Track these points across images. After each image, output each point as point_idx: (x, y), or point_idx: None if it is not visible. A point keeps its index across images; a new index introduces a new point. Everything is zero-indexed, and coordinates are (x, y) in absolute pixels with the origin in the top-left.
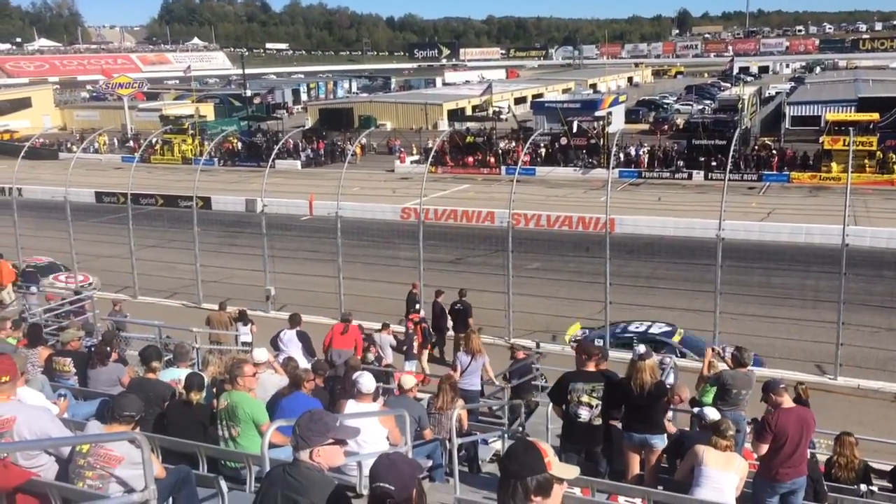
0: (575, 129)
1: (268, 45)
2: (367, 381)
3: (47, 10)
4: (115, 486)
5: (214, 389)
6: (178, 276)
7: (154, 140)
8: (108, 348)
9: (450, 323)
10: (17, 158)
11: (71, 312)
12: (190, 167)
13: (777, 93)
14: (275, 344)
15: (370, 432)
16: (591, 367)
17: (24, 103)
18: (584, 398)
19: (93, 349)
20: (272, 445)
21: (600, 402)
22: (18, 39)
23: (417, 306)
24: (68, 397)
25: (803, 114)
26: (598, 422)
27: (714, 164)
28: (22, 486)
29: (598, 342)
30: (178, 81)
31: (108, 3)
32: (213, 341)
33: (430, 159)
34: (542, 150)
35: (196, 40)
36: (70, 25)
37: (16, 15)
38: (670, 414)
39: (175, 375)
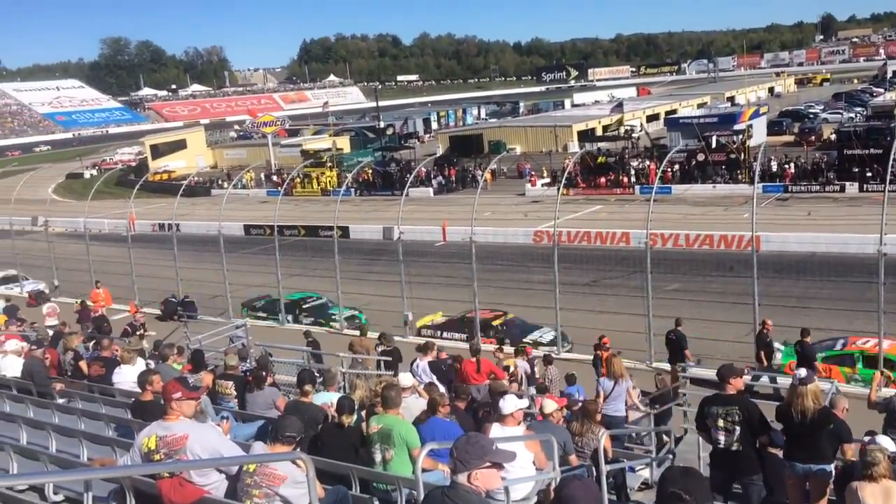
0: (713, 145)
1: (399, 78)
2: (510, 404)
3: (198, 57)
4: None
5: (364, 413)
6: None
7: (296, 174)
8: (264, 373)
9: None
10: (175, 197)
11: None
12: (329, 198)
13: None
14: (412, 373)
15: (518, 456)
16: (729, 391)
17: (179, 145)
18: (720, 423)
19: (248, 374)
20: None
21: (738, 427)
22: (174, 86)
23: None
24: (230, 419)
25: None
26: (738, 447)
27: (869, 174)
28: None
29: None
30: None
31: (252, 48)
32: (356, 366)
33: (562, 181)
34: (677, 168)
35: (332, 77)
36: (219, 70)
37: (171, 64)
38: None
39: (326, 399)
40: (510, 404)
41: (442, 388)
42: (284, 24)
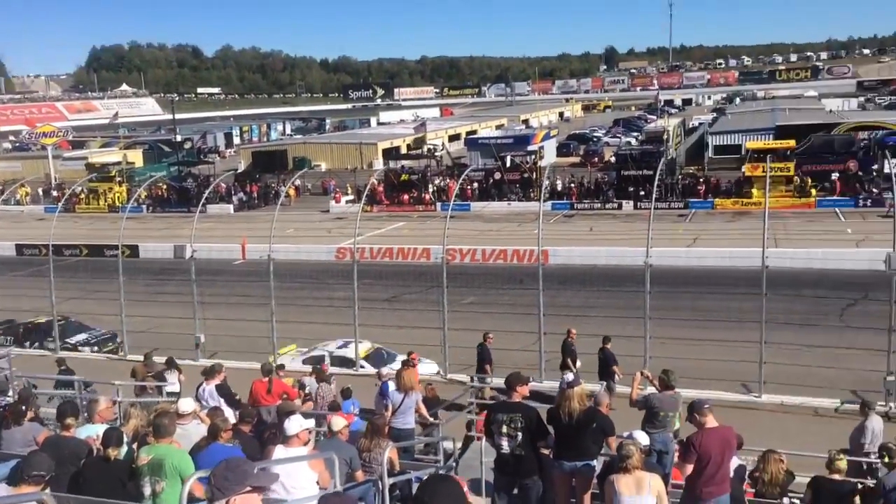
0: (508, 164)
1: (199, 90)
2: (293, 425)
3: None
4: None
5: (135, 445)
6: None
7: (79, 189)
8: (24, 407)
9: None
10: None
11: None
12: (117, 215)
13: (700, 123)
14: (198, 398)
15: (300, 477)
16: (515, 398)
17: None
18: (504, 429)
19: (6, 408)
20: (195, 500)
21: (520, 433)
22: None
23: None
24: None
25: (725, 143)
26: (521, 452)
27: (642, 193)
28: None
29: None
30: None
31: (33, 53)
32: (138, 394)
33: (364, 198)
34: (476, 186)
35: (125, 87)
36: None
37: None
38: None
39: (92, 432)
40: (295, 425)
41: (228, 412)
42: (71, 29)
